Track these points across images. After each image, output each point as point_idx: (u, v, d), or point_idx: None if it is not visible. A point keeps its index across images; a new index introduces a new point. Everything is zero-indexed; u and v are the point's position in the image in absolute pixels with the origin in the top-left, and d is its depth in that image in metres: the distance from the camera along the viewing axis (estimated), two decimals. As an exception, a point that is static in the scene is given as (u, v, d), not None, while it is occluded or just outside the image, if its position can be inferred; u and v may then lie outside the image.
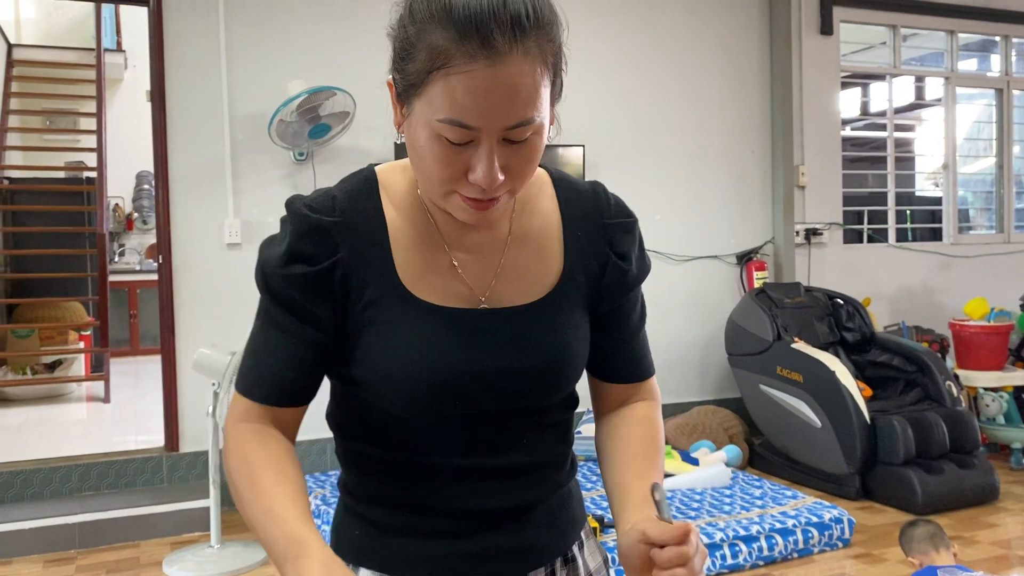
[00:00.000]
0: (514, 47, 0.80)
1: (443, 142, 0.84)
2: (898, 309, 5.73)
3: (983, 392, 4.89)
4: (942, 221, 6.12)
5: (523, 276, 0.99)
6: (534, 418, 1.01)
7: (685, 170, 5.20)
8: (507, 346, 0.96)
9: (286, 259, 0.92)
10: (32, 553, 3.68)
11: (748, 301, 4.86)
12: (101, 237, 6.34)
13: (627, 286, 1.05)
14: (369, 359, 0.94)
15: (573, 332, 1.00)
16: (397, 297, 0.94)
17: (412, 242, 0.96)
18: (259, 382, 0.95)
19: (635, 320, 1.08)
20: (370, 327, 0.94)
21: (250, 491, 0.89)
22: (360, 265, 0.94)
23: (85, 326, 6.61)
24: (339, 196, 0.96)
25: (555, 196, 1.04)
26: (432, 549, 0.98)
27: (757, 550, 3.44)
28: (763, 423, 4.76)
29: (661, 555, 0.84)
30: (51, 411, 5.95)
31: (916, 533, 2.56)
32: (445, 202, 0.90)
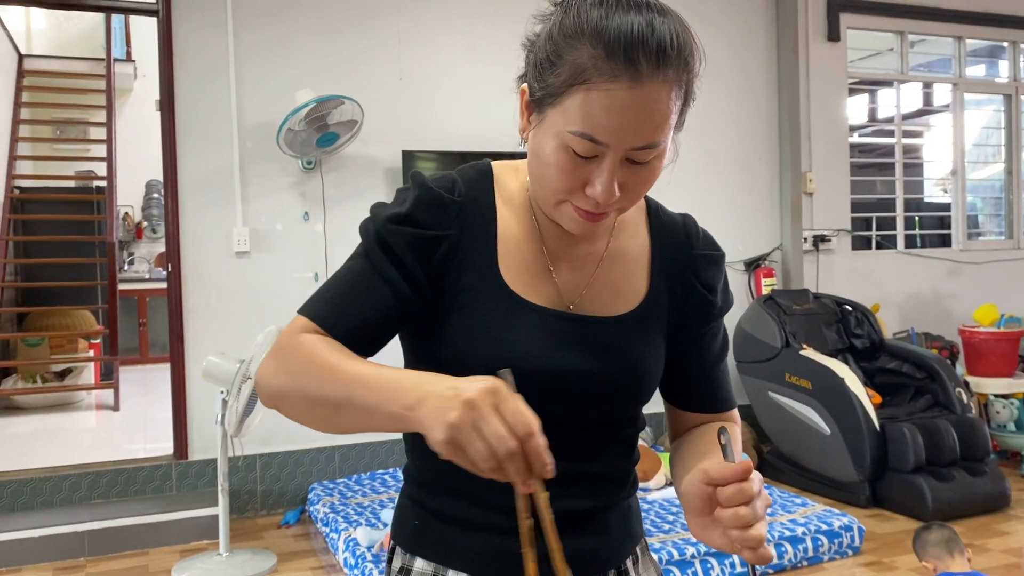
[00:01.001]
0: (656, 73, 0.85)
1: (569, 153, 0.88)
2: (907, 315, 5.71)
3: (993, 399, 4.87)
4: (951, 227, 6.10)
5: (612, 291, 1.03)
6: (604, 429, 1.03)
7: (693, 177, 5.20)
8: (590, 352, 0.99)
9: (401, 218, 0.96)
10: (42, 561, 3.69)
11: (756, 308, 4.85)
12: (111, 246, 6.37)
13: (710, 316, 1.08)
14: (456, 341, 0.96)
15: (651, 350, 1.04)
16: (494, 287, 0.98)
17: (516, 239, 1.00)
18: (339, 318, 0.94)
19: (715, 351, 1.11)
20: (462, 310, 0.97)
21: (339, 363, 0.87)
22: (466, 248, 0.98)
23: (95, 334, 6.64)
24: (460, 181, 1.00)
25: (648, 221, 1.09)
26: (487, 543, 1.00)
27: (766, 558, 3.42)
28: (772, 430, 4.75)
29: (723, 492, 0.85)
30: (61, 419, 5.97)
31: (930, 538, 2.53)
32: (556, 209, 0.94)
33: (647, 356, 1.03)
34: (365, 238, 0.98)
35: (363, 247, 0.98)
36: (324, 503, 3.99)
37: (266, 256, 4.35)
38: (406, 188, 0.99)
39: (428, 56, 4.62)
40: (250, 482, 4.27)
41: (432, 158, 4.52)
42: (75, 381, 6.40)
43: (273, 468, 4.32)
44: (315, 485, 4.29)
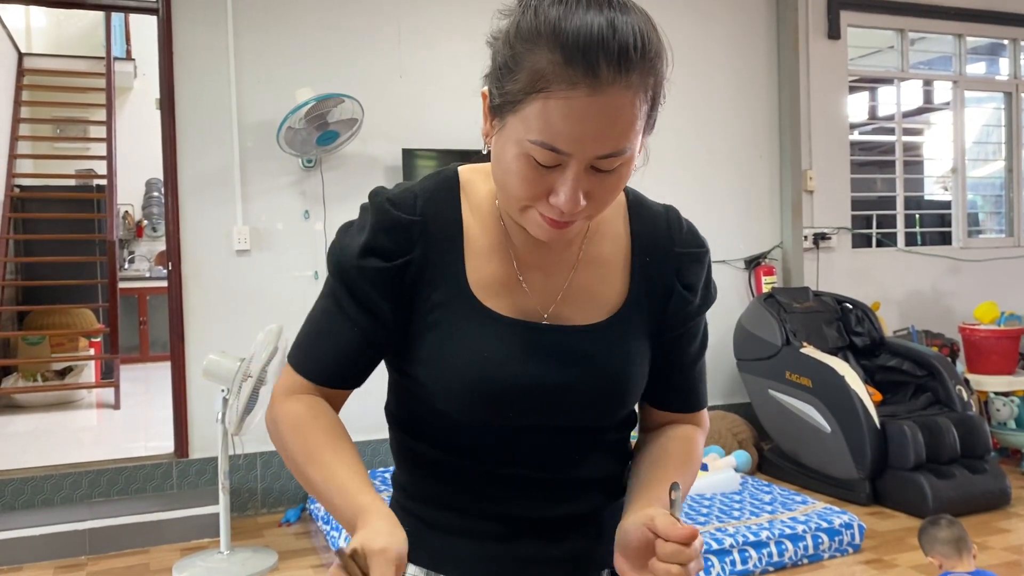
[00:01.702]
0: (617, 79, 0.80)
1: (531, 162, 0.85)
2: (907, 313, 5.71)
3: (994, 396, 4.87)
4: (951, 225, 6.10)
5: (587, 298, 1.00)
6: (591, 436, 1.02)
7: (693, 175, 5.20)
8: (566, 363, 0.96)
9: (362, 251, 0.95)
10: (43, 560, 3.70)
11: (757, 306, 4.85)
12: (111, 244, 6.37)
13: (688, 316, 1.05)
14: (432, 361, 0.95)
15: (633, 356, 1.01)
16: (464, 303, 0.96)
17: (484, 251, 0.98)
18: (314, 361, 0.99)
19: (693, 351, 1.08)
20: (435, 329, 0.96)
21: (307, 461, 0.93)
22: (432, 266, 0.96)
23: (95, 333, 6.64)
24: (420, 195, 0.97)
25: (628, 220, 1.04)
26: (480, 551, 1.00)
27: (767, 556, 3.43)
28: (772, 428, 4.75)
29: (664, 547, 0.84)
30: (62, 418, 5.97)
31: (940, 535, 2.50)
32: (521, 216, 0.91)
33: (627, 363, 0.99)
34: (331, 274, 0.98)
35: (329, 285, 0.99)
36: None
37: (266, 255, 4.35)
38: (364, 208, 0.98)
39: (428, 54, 4.62)
40: (251, 480, 4.28)
41: (432, 156, 4.52)
42: (76, 380, 6.40)
43: (274, 466, 4.32)
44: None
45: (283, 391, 1.00)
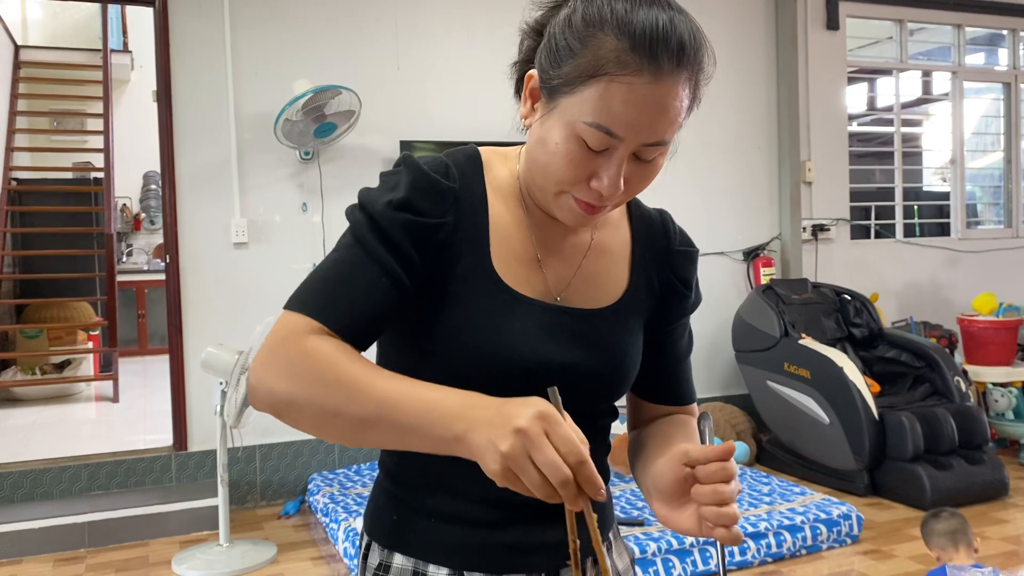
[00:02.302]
0: (675, 70, 0.85)
1: (580, 144, 0.87)
2: (906, 305, 5.71)
3: (992, 387, 4.87)
4: (950, 216, 6.10)
5: (596, 283, 1.04)
6: (585, 420, 1.01)
7: (691, 166, 5.19)
8: (576, 345, 0.99)
9: (398, 204, 0.92)
10: (42, 552, 3.70)
11: (755, 297, 4.85)
12: (109, 237, 6.36)
13: (683, 312, 1.10)
14: (447, 333, 0.95)
15: (632, 342, 1.05)
16: (486, 278, 0.96)
17: (506, 229, 0.99)
18: (338, 309, 0.89)
19: (683, 346, 1.13)
20: (454, 301, 0.95)
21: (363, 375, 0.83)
22: (460, 236, 0.96)
23: (93, 326, 6.64)
24: (452, 165, 0.97)
25: (628, 217, 1.10)
26: (468, 538, 0.99)
27: (766, 547, 3.43)
28: (770, 419, 4.76)
29: (704, 469, 0.86)
30: (60, 411, 5.97)
31: (938, 527, 2.53)
32: (554, 199, 0.94)
33: (629, 349, 1.03)
34: (357, 225, 0.93)
35: (355, 234, 0.93)
36: (324, 493, 4.00)
37: (264, 247, 4.35)
38: (396, 171, 0.96)
39: (426, 46, 4.61)
40: (250, 473, 4.28)
41: (430, 148, 4.51)
42: (74, 373, 6.40)
43: (273, 459, 4.33)
44: (315, 475, 4.29)
45: (297, 334, 0.87)
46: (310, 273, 0.94)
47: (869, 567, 3.40)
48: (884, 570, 3.36)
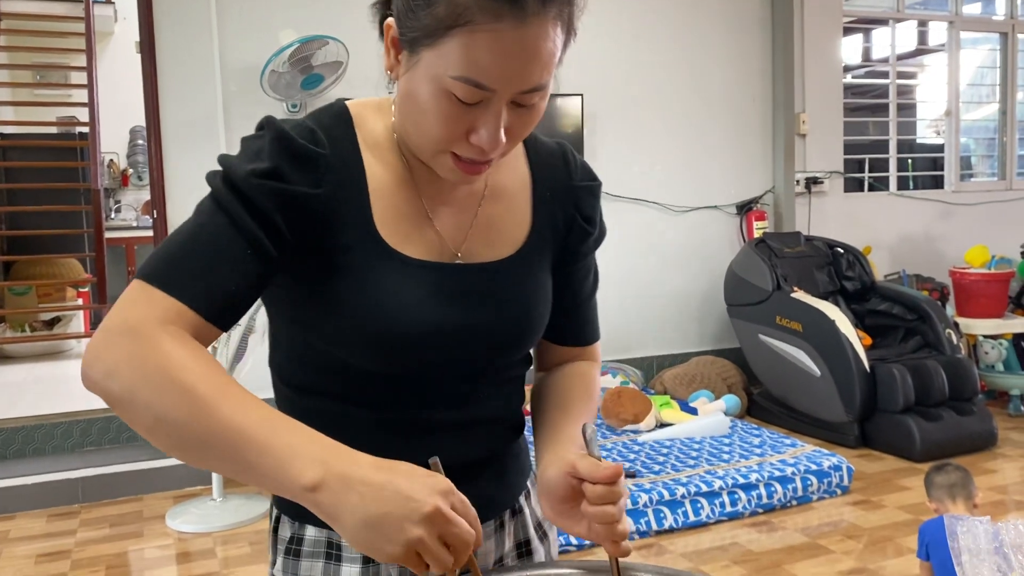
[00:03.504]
0: (541, 10, 0.78)
1: (451, 100, 0.81)
2: (898, 258, 5.70)
3: (982, 340, 4.89)
4: (943, 169, 6.06)
5: (496, 231, 0.98)
6: (496, 375, 1.00)
7: (685, 119, 5.13)
8: (483, 302, 0.94)
9: (264, 173, 0.84)
10: (36, 508, 3.71)
11: (748, 251, 4.83)
12: (96, 193, 6.28)
13: (588, 249, 1.06)
14: (340, 308, 0.89)
15: (542, 289, 1.00)
16: (374, 246, 0.90)
17: (388, 188, 0.92)
18: (198, 283, 0.80)
19: (589, 284, 1.09)
20: (342, 275, 0.89)
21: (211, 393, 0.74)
22: (339, 206, 0.88)
23: (83, 283, 6.59)
24: (318, 129, 0.89)
25: (525, 154, 1.03)
26: None
27: (756, 498, 3.46)
28: (762, 373, 4.77)
29: (593, 491, 0.84)
30: (51, 368, 5.95)
31: (938, 480, 2.59)
32: (433, 159, 0.88)
33: (537, 298, 0.99)
34: (218, 191, 0.84)
35: (216, 200, 0.83)
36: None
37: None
38: (259, 136, 0.87)
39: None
40: (242, 428, 4.28)
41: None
42: (64, 330, 6.37)
43: (265, 414, 4.32)
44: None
45: (153, 320, 0.77)
46: (168, 237, 0.84)
47: (859, 517, 3.43)
48: (874, 520, 3.39)
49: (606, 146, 4.91)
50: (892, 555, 3.07)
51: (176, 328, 0.78)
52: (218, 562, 3.15)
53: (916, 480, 3.81)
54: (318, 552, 0.96)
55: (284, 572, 0.98)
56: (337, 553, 0.96)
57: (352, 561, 0.96)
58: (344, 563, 0.96)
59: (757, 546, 3.19)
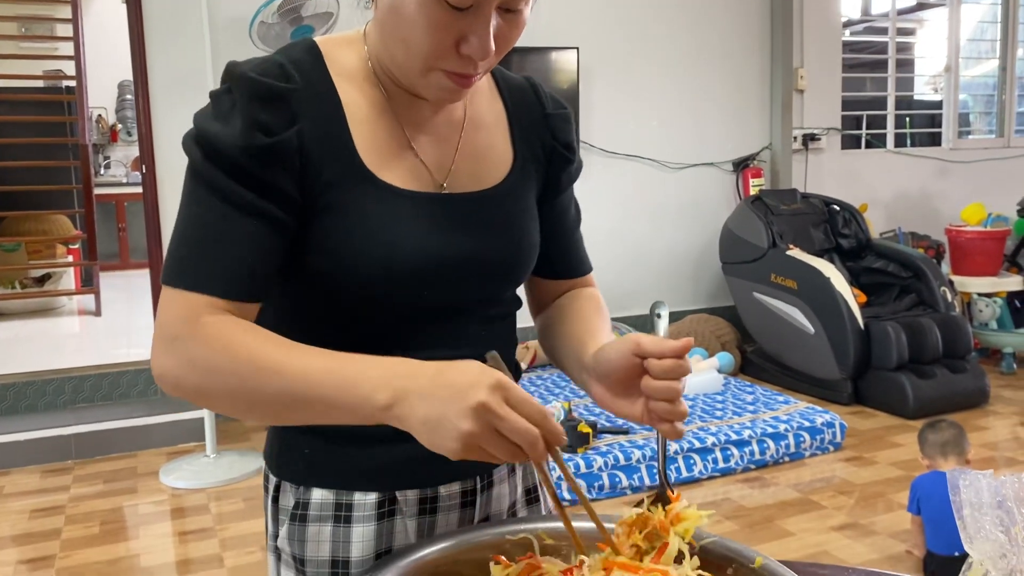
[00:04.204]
0: None
1: (441, 5, 0.78)
2: (895, 215, 5.68)
3: (977, 298, 4.89)
4: (941, 126, 6.01)
5: (480, 161, 0.96)
6: (486, 311, 0.98)
7: (682, 74, 5.06)
8: (471, 232, 0.92)
9: (243, 129, 0.81)
10: (29, 464, 3.70)
11: (744, 208, 4.80)
12: (84, 148, 6.19)
13: (571, 177, 1.05)
14: (331, 248, 0.86)
15: (531, 218, 0.99)
16: (359, 178, 0.87)
17: (368, 118, 0.89)
18: (218, 272, 0.81)
19: (573, 215, 1.09)
20: (330, 212, 0.86)
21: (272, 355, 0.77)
22: (318, 141, 0.85)
23: (73, 239, 6.53)
24: (287, 63, 0.85)
25: (496, 87, 1.02)
26: (390, 456, 0.92)
27: (749, 454, 3.47)
28: (756, 330, 4.77)
29: (659, 364, 0.82)
30: (42, 325, 5.92)
31: (931, 437, 2.63)
32: (423, 79, 0.85)
33: (527, 227, 0.98)
34: (204, 170, 0.81)
35: (209, 182, 0.81)
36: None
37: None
38: (225, 90, 0.83)
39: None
40: (235, 385, 4.26)
41: (412, 54, 4.36)
42: (55, 286, 6.33)
43: (258, 371, 4.31)
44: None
45: (190, 321, 0.79)
46: (174, 235, 0.83)
47: (851, 473, 3.45)
48: (865, 476, 3.41)
49: (602, 101, 4.84)
50: (883, 511, 3.09)
51: (210, 318, 0.79)
52: (212, 517, 3.16)
53: (908, 437, 3.82)
54: (326, 515, 0.93)
55: (291, 539, 0.94)
56: (347, 515, 0.93)
57: (364, 520, 0.93)
58: (355, 524, 0.93)
59: (749, 501, 3.21)
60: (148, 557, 2.86)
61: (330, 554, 0.93)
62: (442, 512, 0.95)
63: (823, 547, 2.82)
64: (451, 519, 0.95)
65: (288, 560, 0.95)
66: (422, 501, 0.94)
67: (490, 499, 0.99)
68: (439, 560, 0.83)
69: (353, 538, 0.92)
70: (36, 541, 3.00)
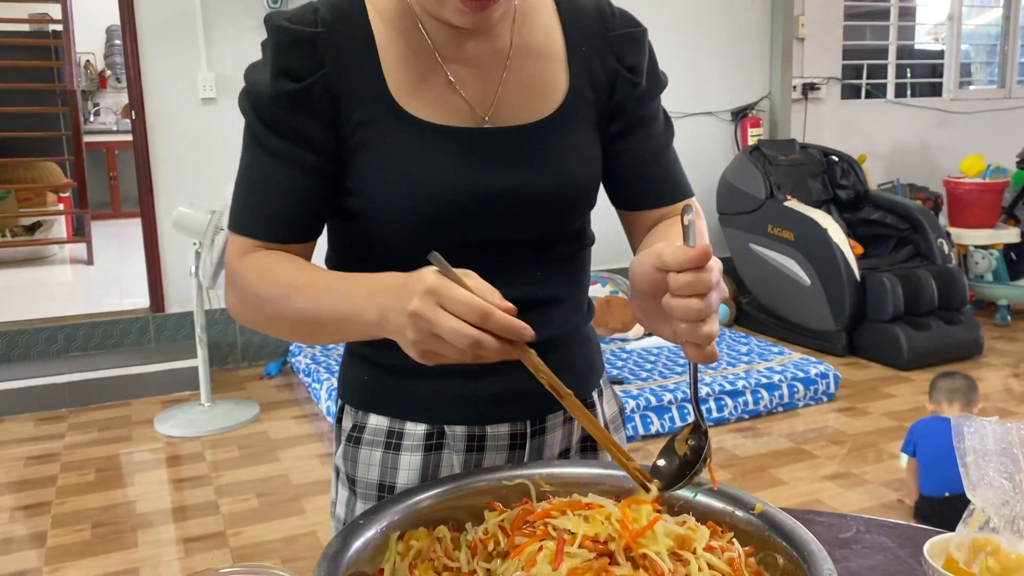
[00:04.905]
0: None
1: None
2: (893, 166, 5.63)
3: (973, 250, 4.88)
4: (943, 76, 5.94)
5: (528, 92, 0.91)
6: (545, 249, 0.95)
7: (680, 20, 4.96)
8: (514, 167, 0.89)
9: (271, 77, 0.85)
10: (23, 412, 3.70)
11: (742, 159, 4.75)
12: (72, 94, 6.09)
13: (640, 101, 0.96)
14: (365, 186, 0.87)
15: (584, 153, 0.94)
16: (391, 115, 0.86)
17: (403, 56, 0.88)
18: (260, 220, 0.88)
19: (658, 135, 0.99)
20: (362, 150, 0.87)
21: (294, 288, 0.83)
22: (349, 81, 0.86)
23: (63, 187, 6.46)
24: (321, 8, 0.87)
25: (556, 10, 0.96)
26: (445, 391, 0.94)
27: (743, 404, 3.48)
28: (752, 282, 4.76)
29: (676, 279, 0.72)
30: (34, 273, 5.89)
31: (941, 384, 2.70)
32: (440, 5, 0.83)
33: (578, 161, 0.93)
34: (249, 119, 0.88)
35: (250, 131, 0.88)
36: (305, 354, 3.99)
37: (234, 103, 4.11)
38: (264, 41, 0.88)
39: None
40: (230, 334, 4.25)
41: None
42: (46, 235, 6.28)
43: (252, 321, 4.29)
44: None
45: (237, 255, 0.89)
46: (235, 180, 0.91)
47: (844, 423, 3.47)
48: (858, 426, 3.43)
49: (599, 48, 4.75)
50: (874, 461, 3.12)
51: (256, 253, 0.87)
52: (207, 465, 3.17)
53: (902, 388, 3.84)
54: (378, 441, 0.96)
55: (344, 459, 0.98)
56: (397, 442, 0.95)
57: (413, 450, 0.95)
58: (404, 452, 0.95)
59: (742, 451, 3.23)
60: (144, 504, 2.87)
61: (378, 478, 0.96)
62: (489, 451, 0.96)
63: (815, 495, 2.84)
64: (499, 459, 0.96)
65: (343, 478, 0.99)
66: (469, 438, 0.95)
67: (542, 444, 0.98)
68: (435, 505, 0.82)
69: (401, 465, 0.95)
70: (32, 488, 3.01)
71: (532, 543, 0.70)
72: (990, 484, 0.80)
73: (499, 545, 0.74)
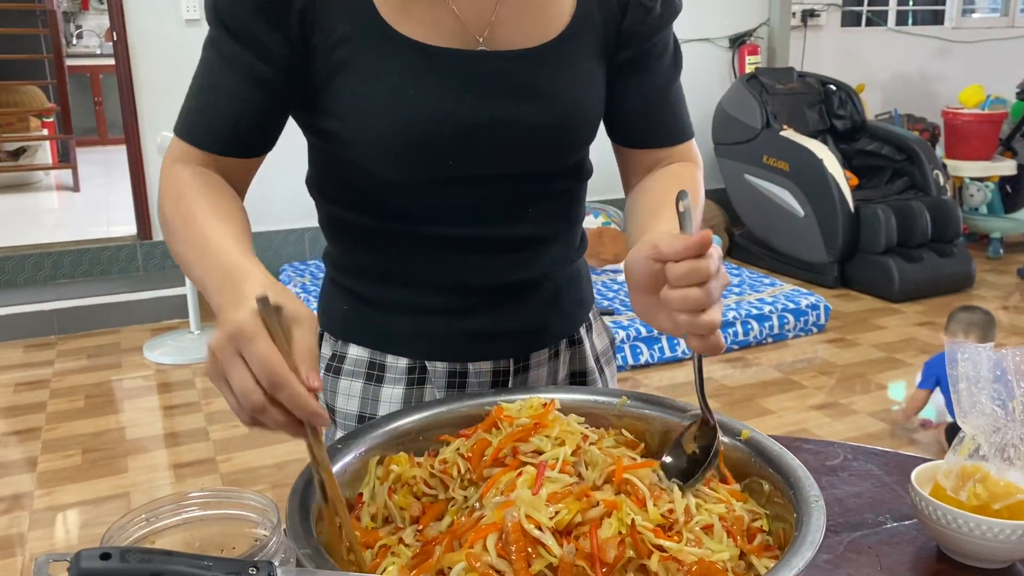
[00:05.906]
0: None
1: None
2: (892, 96, 5.55)
3: (969, 182, 4.84)
4: (945, 3, 5.80)
5: (529, 12, 0.84)
6: (539, 184, 0.89)
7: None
8: (509, 95, 0.83)
9: None
10: (11, 339, 3.69)
11: (738, 87, 4.67)
12: (52, 14, 5.92)
13: (651, 28, 0.89)
14: (345, 109, 0.81)
15: (587, 82, 0.87)
16: (376, 32, 0.80)
17: None
18: (201, 124, 0.82)
19: (665, 70, 0.92)
20: (345, 70, 0.80)
21: (185, 226, 0.77)
22: None
23: (46, 112, 6.33)
24: None
25: None
26: (427, 327, 0.91)
27: (732, 335, 3.49)
28: (746, 213, 4.72)
29: (674, 269, 0.68)
30: (19, 200, 5.82)
31: (960, 316, 2.72)
32: None
33: (580, 91, 0.86)
34: (210, 24, 0.81)
35: (208, 37, 0.82)
36: (295, 284, 3.97)
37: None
38: None
39: None
40: (218, 263, 4.21)
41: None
42: (30, 161, 6.18)
43: (241, 249, 4.25)
44: (286, 266, 4.25)
45: (170, 162, 0.83)
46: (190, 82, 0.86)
47: (832, 354, 3.48)
48: (847, 357, 3.44)
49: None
50: (861, 391, 3.14)
51: (182, 165, 0.82)
52: (197, 392, 3.17)
53: (892, 320, 3.85)
54: (359, 372, 0.94)
55: (324, 388, 0.95)
56: (379, 374, 0.93)
57: (395, 383, 0.93)
58: (386, 384, 0.93)
59: (731, 381, 3.25)
60: (134, 430, 2.88)
61: (359, 409, 0.94)
62: (471, 387, 0.94)
63: (802, 425, 2.87)
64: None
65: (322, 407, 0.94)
66: (451, 374, 0.93)
67: (526, 381, 0.95)
68: (419, 428, 0.81)
69: (382, 397, 0.93)
70: (22, 414, 3.01)
71: (509, 472, 0.68)
72: (981, 411, 0.79)
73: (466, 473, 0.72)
